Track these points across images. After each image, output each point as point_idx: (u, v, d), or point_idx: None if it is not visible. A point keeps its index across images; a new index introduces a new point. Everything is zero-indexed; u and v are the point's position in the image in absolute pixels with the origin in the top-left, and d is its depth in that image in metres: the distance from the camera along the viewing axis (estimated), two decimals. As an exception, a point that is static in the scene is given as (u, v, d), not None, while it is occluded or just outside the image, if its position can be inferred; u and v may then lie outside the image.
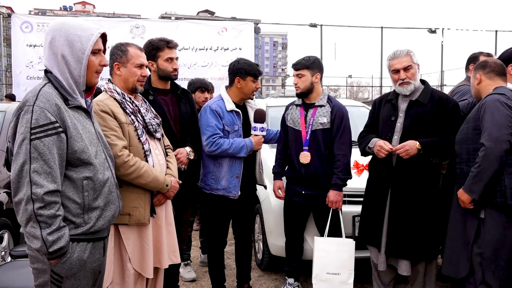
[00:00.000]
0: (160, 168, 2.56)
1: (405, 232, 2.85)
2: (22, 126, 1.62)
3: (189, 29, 10.30)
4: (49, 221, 1.61)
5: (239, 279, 3.43)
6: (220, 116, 3.09)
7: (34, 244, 1.62)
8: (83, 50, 1.75)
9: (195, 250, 4.38)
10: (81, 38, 1.75)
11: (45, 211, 1.61)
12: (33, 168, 1.60)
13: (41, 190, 1.60)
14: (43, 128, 1.62)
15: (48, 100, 1.66)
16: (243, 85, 3.15)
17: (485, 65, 2.72)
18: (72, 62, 1.75)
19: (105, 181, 1.83)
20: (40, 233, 1.60)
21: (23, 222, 1.62)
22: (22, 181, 1.60)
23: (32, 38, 9.87)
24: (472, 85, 2.80)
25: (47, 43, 1.75)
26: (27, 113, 1.62)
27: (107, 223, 1.86)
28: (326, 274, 3.14)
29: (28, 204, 1.59)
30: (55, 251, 1.63)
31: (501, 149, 2.37)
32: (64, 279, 1.71)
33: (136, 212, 2.40)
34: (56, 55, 1.74)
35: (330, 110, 3.23)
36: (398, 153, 2.80)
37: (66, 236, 1.67)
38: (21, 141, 1.62)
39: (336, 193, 3.14)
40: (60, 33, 1.74)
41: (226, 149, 3.03)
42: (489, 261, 2.48)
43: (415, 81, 2.90)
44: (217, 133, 3.05)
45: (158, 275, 2.65)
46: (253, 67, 3.17)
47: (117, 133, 2.37)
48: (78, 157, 1.73)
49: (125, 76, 2.51)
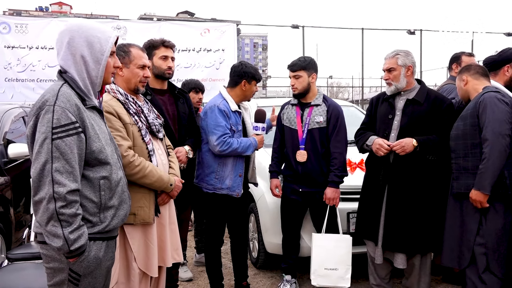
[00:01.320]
0: (163, 167, 2.58)
1: (401, 226, 2.95)
2: (43, 125, 1.63)
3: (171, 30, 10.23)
4: (70, 220, 1.63)
5: (236, 277, 3.47)
6: (228, 116, 3.12)
7: (55, 242, 1.63)
8: (102, 52, 1.79)
9: (189, 250, 4.39)
10: (100, 39, 1.78)
11: (67, 210, 1.62)
12: (55, 167, 1.61)
13: (63, 189, 1.61)
14: (64, 128, 1.64)
15: (69, 100, 1.68)
16: (247, 88, 3.20)
17: (469, 68, 2.91)
18: (90, 63, 1.77)
19: (119, 181, 1.86)
20: (62, 232, 1.61)
21: (44, 221, 1.62)
22: (44, 180, 1.61)
23: (10, 39, 9.61)
24: (459, 87, 2.94)
25: (64, 43, 1.76)
26: (48, 112, 1.63)
27: (121, 222, 1.89)
28: (324, 270, 3.21)
29: (50, 203, 1.60)
30: (76, 249, 1.65)
31: (505, 142, 2.50)
32: (82, 277, 1.72)
33: (141, 211, 2.42)
34: (74, 55, 1.76)
35: (326, 109, 3.31)
36: (394, 150, 2.90)
37: (85, 235, 1.69)
38: (42, 141, 1.62)
39: (333, 190, 3.22)
40: (80, 34, 1.76)
41: (235, 148, 3.06)
42: (493, 250, 2.59)
43: (397, 83, 3.00)
44: (227, 133, 3.07)
45: (161, 274, 2.66)
46: (258, 73, 3.26)
47: (122, 134, 2.38)
48: (95, 157, 1.75)
49: (127, 77, 2.53)
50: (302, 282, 3.72)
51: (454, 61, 3.93)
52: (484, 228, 2.63)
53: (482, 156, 2.57)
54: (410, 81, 3.04)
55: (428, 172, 2.96)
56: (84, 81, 1.78)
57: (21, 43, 9.50)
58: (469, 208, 2.68)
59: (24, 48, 9.48)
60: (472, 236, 2.66)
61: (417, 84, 3.07)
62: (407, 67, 3.00)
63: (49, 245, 1.67)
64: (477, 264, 2.65)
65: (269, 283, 3.77)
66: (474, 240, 2.65)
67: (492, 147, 2.52)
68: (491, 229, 2.61)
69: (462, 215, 2.73)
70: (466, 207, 2.71)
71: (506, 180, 2.56)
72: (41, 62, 9.45)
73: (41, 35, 9.52)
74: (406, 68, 3.00)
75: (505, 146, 2.52)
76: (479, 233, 2.64)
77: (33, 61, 9.46)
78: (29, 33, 9.54)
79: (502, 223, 2.60)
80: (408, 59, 3.00)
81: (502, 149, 2.52)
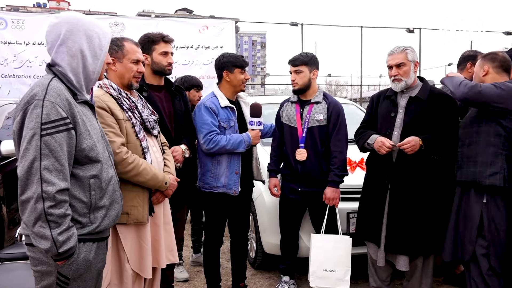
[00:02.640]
0: (158, 165, 2.50)
1: (404, 228, 2.87)
2: (31, 121, 1.55)
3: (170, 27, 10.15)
4: (59, 220, 1.55)
5: (234, 277, 3.39)
6: (215, 112, 3.05)
7: (43, 244, 1.55)
8: (101, 47, 1.75)
9: (186, 249, 4.32)
10: (99, 34, 1.74)
11: (56, 210, 1.54)
12: (44, 165, 1.53)
13: (52, 188, 1.53)
14: (54, 124, 1.56)
15: (59, 95, 1.60)
16: (232, 78, 3.12)
17: (495, 58, 2.73)
18: (89, 57, 1.72)
19: (110, 179, 1.79)
20: (50, 233, 1.54)
21: (31, 222, 1.54)
22: (32, 178, 1.53)
23: (7, 35, 9.54)
24: (476, 74, 2.81)
25: (60, 35, 1.68)
26: (37, 107, 1.55)
27: (112, 223, 1.81)
28: (323, 271, 3.15)
29: (38, 203, 1.52)
30: (65, 252, 1.57)
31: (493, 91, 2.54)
32: (70, 280, 1.65)
33: (135, 211, 2.34)
34: (70, 49, 1.69)
35: (326, 107, 3.23)
36: (403, 149, 2.81)
37: (75, 236, 1.62)
38: (30, 137, 1.54)
39: (333, 189, 3.15)
40: (78, 27, 1.70)
41: (223, 145, 2.99)
42: (492, 243, 2.55)
43: (407, 79, 2.91)
44: (213, 130, 3.01)
45: (155, 275, 2.59)
46: (239, 58, 3.16)
47: (115, 130, 2.30)
48: (86, 155, 1.68)
49: (120, 71, 2.44)
50: (301, 283, 3.64)
51: (469, 59, 3.61)
52: (484, 220, 2.58)
53: None
54: (415, 78, 2.96)
55: (432, 172, 2.89)
56: (77, 76, 1.71)
57: (18, 39, 9.44)
58: (472, 201, 2.62)
59: (21, 44, 9.43)
60: (475, 227, 2.60)
61: (420, 82, 2.99)
62: (415, 62, 2.94)
63: (36, 247, 1.60)
64: (479, 264, 2.59)
65: (267, 284, 3.70)
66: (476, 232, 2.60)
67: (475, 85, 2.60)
68: (490, 221, 2.56)
69: (466, 208, 2.68)
70: (468, 197, 2.66)
71: (504, 173, 2.49)
72: (38, 58, 9.39)
73: (38, 31, 9.44)
74: (413, 64, 2.93)
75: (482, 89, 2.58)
76: (480, 233, 2.59)
77: (30, 57, 9.40)
78: (26, 29, 9.49)
79: (501, 216, 2.54)
80: (415, 54, 2.96)
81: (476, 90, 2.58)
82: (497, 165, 2.51)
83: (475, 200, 2.60)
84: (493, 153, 2.54)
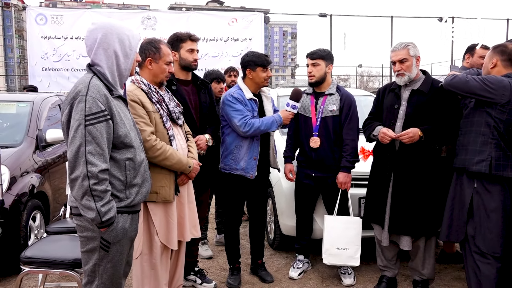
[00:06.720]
0: (183, 151, 2.82)
1: (406, 210, 3.10)
2: (77, 113, 1.87)
3: (200, 20, 10.41)
4: (102, 195, 1.88)
5: (253, 255, 3.70)
6: (242, 103, 3.31)
7: (89, 214, 1.88)
8: (131, 47, 2.06)
9: (211, 231, 4.66)
10: (129, 37, 2.05)
11: (99, 187, 1.87)
12: (88, 149, 1.86)
13: (95, 169, 1.86)
14: (95, 116, 1.88)
15: (98, 91, 1.92)
16: (254, 76, 3.37)
17: (504, 51, 2.78)
18: (121, 57, 2.03)
19: (142, 162, 2.11)
20: (95, 205, 1.87)
21: (79, 196, 1.88)
22: (79, 160, 1.86)
23: (47, 30, 9.96)
24: (485, 66, 2.90)
25: (96, 40, 1.99)
26: (81, 102, 1.88)
27: (143, 198, 2.14)
28: (335, 249, 3.41)
29: (84, 181, 1.85)
30: (107, 220, 1.91)
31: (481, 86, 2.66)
32: (111, 244, 1.99)
33: (163, 190, 2.67)
34: (106, 50, 2.00)
35: (339, 98, 3.47)
36: (401, 139, 3.03)
37: (114, 208, 1.95)
38: (77, 127, 1.87)
39: (345, 174, 3.39)
40: (111, 31, 2.00)
41: (258, 126, 3.23)
42: (478, 225, 2.72)
43: (410, 73, 3.09)
44: (246, 115, 3.26)
45: (180, 248, 2.94)
46: (261, 58, 3.38)
47: (145, 120, 2.63)
48: (121, 141, 2.00)
49: (155, 71, 2.75)
50: (315, 262, 3.91)
51: (467, 51, 3.90)
52: (474, 206, 2.73)
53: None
54: (417, 72, 3.15)
55: (432, 160, 3.09)
56: (112, 74, 2.02)
57: (57, 34, 9.89)
58: (465, 186, 2.79)
59: (60, 38, 9.88)
60: (465, 209, 2.77)
61: (422, 75, 3.18)
62: (417, 57, 3.12)
63: (83, 217, 1.94)
64: (469, 243, 2.78)
65: (283, 263, 3.99)
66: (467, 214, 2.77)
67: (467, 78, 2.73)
68: (479, 205, 2.71)
69: (458, 190, 2.85)
70: (461, 182, 2.82)
71: (491, 160, 2.64)
72: (75, 52, 9.83)
73: (75, 25, 9.88)
74: (415, 59, 3.11)
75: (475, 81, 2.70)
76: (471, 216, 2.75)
77: (68, 51, 9.84)
78: (64, 24, 9.93)
79: (488, 200, 2.68)
80: (417, 50, 3.12)
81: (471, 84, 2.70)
82: (484, 153, 2.66)
83: (467, 185, 2.77)
84: (482, 142, 2.69)
